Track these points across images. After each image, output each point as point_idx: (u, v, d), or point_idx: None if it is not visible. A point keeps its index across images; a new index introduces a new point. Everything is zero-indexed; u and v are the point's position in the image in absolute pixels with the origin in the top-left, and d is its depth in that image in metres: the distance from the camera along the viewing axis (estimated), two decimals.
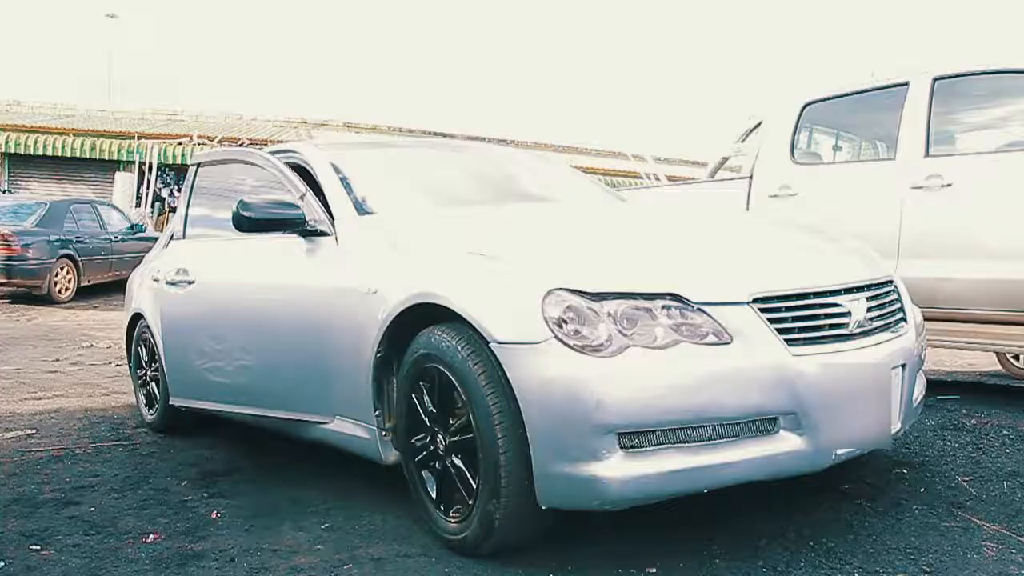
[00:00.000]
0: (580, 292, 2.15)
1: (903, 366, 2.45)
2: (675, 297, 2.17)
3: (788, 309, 2.25)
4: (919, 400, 2.72)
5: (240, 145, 15.89)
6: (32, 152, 18.75)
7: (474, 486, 2.31)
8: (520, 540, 2.34)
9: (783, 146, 4.97)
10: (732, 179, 5.40)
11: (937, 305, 4.15)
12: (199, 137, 18.50)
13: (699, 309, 2.17)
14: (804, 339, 2.24)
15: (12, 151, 18.75)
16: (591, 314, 2.13)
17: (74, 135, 18.99)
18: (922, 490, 2.86)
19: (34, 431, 4.17)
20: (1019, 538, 2.43)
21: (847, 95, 4.80)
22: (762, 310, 2.21)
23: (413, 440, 2.58)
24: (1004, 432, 3.60)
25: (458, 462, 2.39)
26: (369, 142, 4.55)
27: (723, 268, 2.34)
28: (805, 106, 4.95)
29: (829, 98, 4.89)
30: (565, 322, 2.12)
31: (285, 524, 2.77)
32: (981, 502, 2.74)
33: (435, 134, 23.03)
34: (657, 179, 8.46)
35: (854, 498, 2.78)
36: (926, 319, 4.07)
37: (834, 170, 4.93)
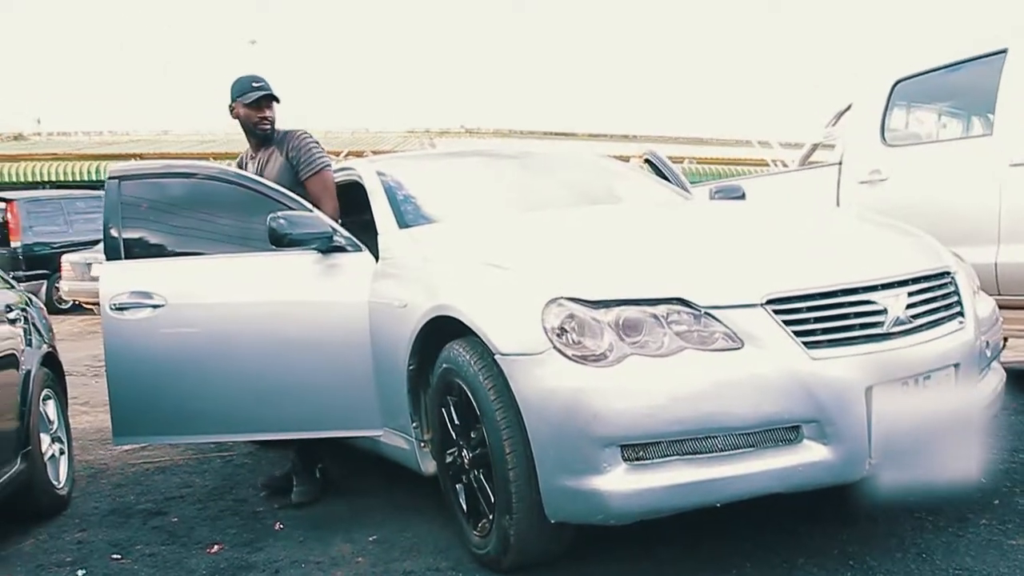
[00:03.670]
0: (581, 300, 2.10)
1: (956, 365, 2.25)
2: (681, 302, 2.08)
3: (809, 309, 2.11)
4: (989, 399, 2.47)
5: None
6: None
7: (493, 500, 2.30)
8: (539, 555, 2.31)
9: (873, 128, 4.64)
10: (821, 166, 5.10)
11: None
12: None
13: (707, 313, 2.06)
14: (828, 340, 2.09)
15: None
16: (593, 323, 2.07)
17: (213, 159, 20.28)
18: (996, 502, 2.59)
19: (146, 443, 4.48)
20: None
21: (939, 69, 4.43)
22: (777, 311, 2.08)
23: (446, 453, 2.59)
24: None
25: (480, 476, 2.39)
26: (424, 154, 4.55)
27: (737, 268, 2.22)
28: (895, 84, 4.61)
29: (920, 73, 4.52)
30: (565, 331, 2.07)
31: (338, 536, 2.85)
32: None
33: (557, 135, 23.08)
34: (784, 165, 8.12)
35: (916, 510, 2.55)
36: None
37: (927, 151, 4.54)
